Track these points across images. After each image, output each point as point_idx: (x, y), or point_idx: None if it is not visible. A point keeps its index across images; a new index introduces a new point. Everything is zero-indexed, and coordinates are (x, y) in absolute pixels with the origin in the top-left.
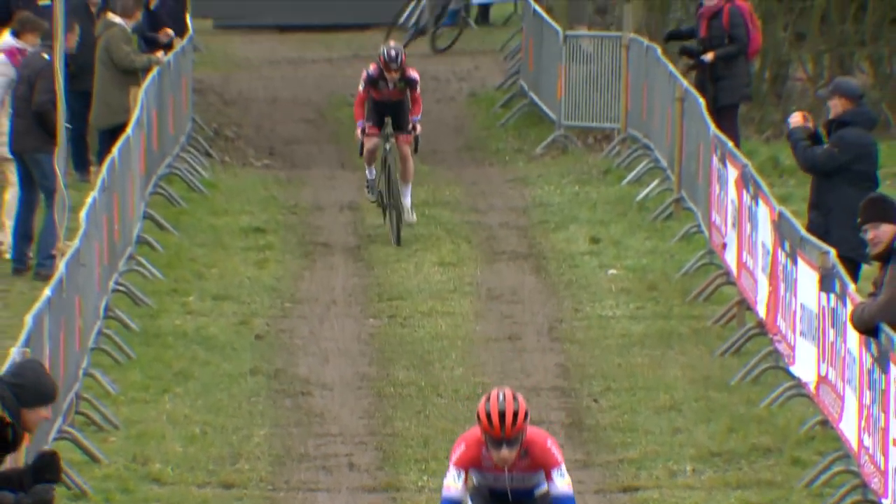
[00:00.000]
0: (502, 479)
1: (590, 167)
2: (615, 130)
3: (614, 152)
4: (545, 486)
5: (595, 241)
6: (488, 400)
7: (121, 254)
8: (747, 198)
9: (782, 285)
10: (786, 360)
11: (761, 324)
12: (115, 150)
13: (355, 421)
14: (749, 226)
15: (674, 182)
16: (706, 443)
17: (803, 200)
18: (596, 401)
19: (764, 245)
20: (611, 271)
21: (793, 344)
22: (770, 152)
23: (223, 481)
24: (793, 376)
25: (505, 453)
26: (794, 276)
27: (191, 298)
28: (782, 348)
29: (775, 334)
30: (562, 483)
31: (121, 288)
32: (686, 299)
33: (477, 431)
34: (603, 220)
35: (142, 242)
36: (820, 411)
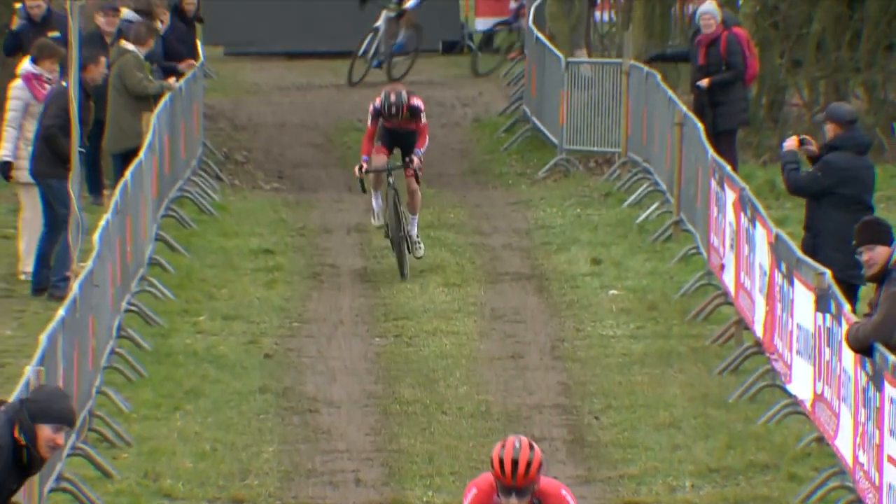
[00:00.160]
0: None
1: (591, 190)
2: (616, 154)
3: (615, 176)
4: None
5: (596, 262)
6: (503, 446)
7: (133, 275)
8: (745, 220)
9: (779, 305)
10: (782, 379)
11: (759, 343)
12: (127, 173)
13: (362, 438)
14: (747, 247)
15: (673, 205)
16: (705, 459)
17: (799, 223)
18: (597, 418)
19: (761, 266)
20: (611, 292)
21: (789, 363)
22: (767, 176)
23: (233, 497)
24: (789, 394)
25: (514, 502)
26: (791, 297)
27: (201, 318)
28: (779, 367)
29: (772, 353)
30: None
31: (133, 308)
32: (685, 319)
33: (489, 477)
34: (604, 242)
35: (154, 264)
36: (816, 428)
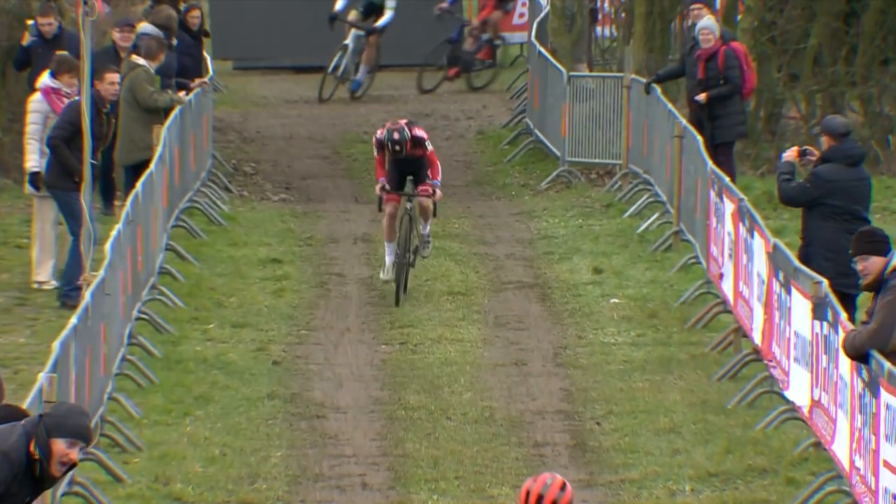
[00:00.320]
0: None
1: (593, 201)
2: (617, 166)
3: (616, 187)
4: None
5: (598, 271)
6: (535, 480)
7: (144, 283)
8: (743, 230)
9: (777, 313)
10: (780, 385)
11: (757, 350)
12: (138, 185)
13: (368, 443)
14: (745, 257)
15: (673, 215)
16: (704, 464)
17: (796, 233)
18: (599, 423)
19: (759, 275)
20: (613, 300)
21: (787, 369)
22: (765, 187)
23: (242, 500)
24: (787, 400)
25: None
26: (788, 305)
27: (211, 326)
28: (777, 374)
29: (770, 360)
30: None
31: (144, 316)
32: (685, 327)
33: None
34: (605, 252)
35: (164, 272)
36: (813, 434)
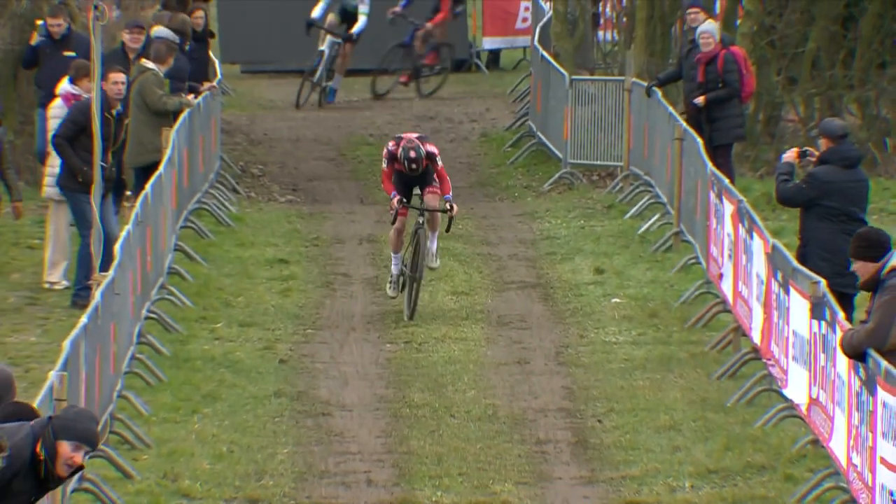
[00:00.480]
0: None
1: (594, 202)
2: (618, 168)
3: (617, 188)
4: None
5: (599, 271)
6: None
7: (153, 283)
8: (742, 231)
9: (775, 313)
10: (779, 383)
11: (756, 349)
12: (148, 186)
13: (373, 440)
14: (744, 257)
15: (673, 216)
16: (704, 460)
17: (795, 234)
18: (600, 421)
19: (758, 275)
20: (614, 300)
21: (785, 368)
22: (764, 188)
23: (249, 497)
24: (785, 398)
25: None
26: (787, 305)
27: (219, 325)
28: (776, 372)
29: (769, 359)
30: None
31: (153, 315)
32: (685, 326)
33: None
34: (606, 252)
35: (173, 273)
36: (811, 431)
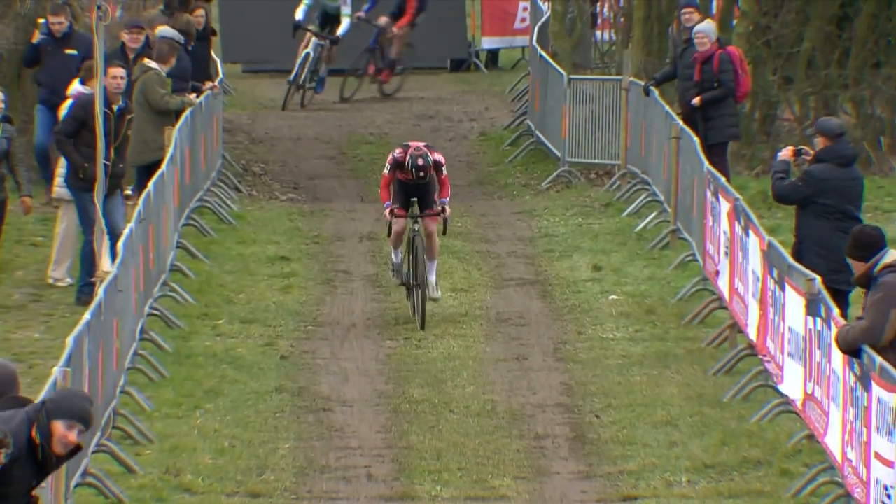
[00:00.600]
0: None
1: (592, 200)
2: (615, 166)
3: (615, 186)
4: None
5: (597, 268)
6: None
7: (155, 280)
8: (739, 229)
9: (771, 310)
10: (774, 379)
11: (752, 345)
12: (150, 184)
13: (373, 435)
14: (740, 254)
15: (670, 214)
16: (700, 456)
17: (790, 231)
18: (597, 416)
19: (754, 272)
20: (611, 297)
21: (781, 364)
22: (760, 186)
23: (250, 491)
24: (781, 394)
25: None
26: (782, 301)
27: (220, 322)
28: (771, 368)
29: (765, 355)
30: None
31: (155, 312)
32: (681, 322)
33: None
34: (604, 250)
35: (175, 270)
36: (806, 426)
